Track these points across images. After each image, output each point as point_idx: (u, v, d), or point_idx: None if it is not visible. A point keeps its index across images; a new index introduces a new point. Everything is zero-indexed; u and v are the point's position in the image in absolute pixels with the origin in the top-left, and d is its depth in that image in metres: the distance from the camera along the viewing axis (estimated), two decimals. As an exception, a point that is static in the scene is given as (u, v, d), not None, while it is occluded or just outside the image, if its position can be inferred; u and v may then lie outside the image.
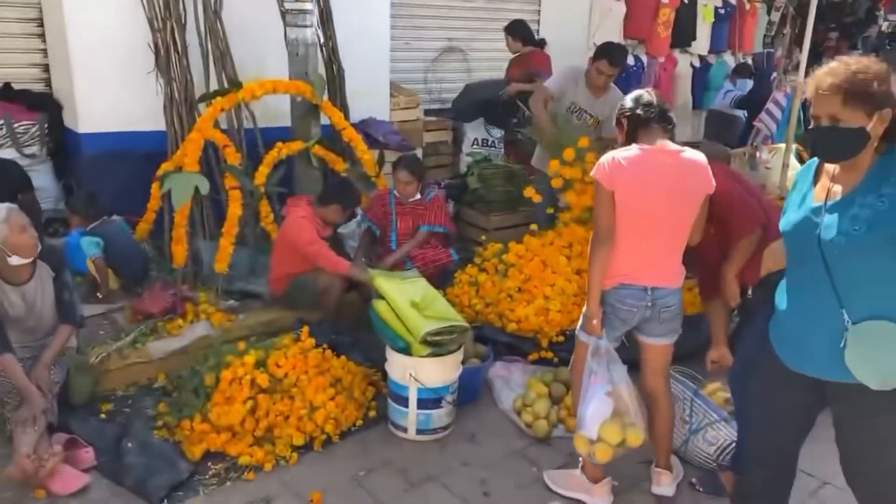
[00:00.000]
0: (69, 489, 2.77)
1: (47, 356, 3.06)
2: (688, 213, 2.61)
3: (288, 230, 4.02)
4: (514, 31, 6.11)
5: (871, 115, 1.82)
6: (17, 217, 2.96)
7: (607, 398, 2.60)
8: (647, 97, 2.64)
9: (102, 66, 4.61)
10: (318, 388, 3.25)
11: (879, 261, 1.86)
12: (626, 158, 2.53)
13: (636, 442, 2.65)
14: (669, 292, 2.64)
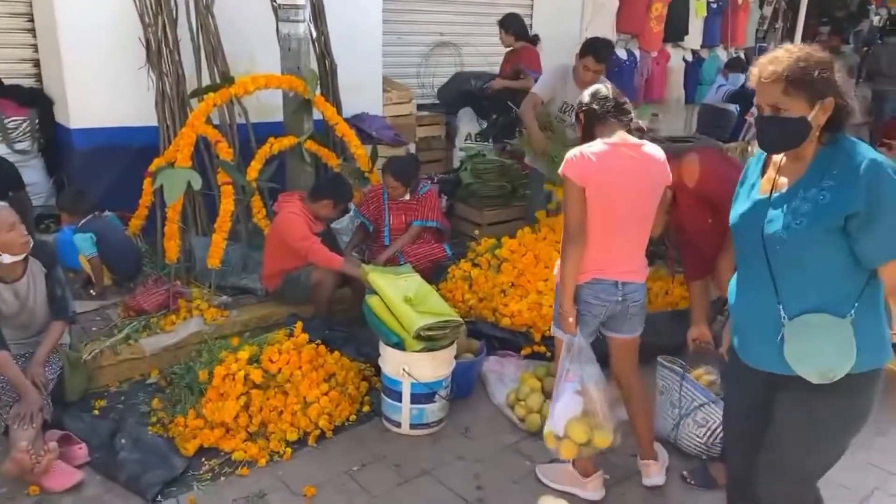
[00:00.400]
0: (63, 485, 2.78)
1: (41, 353, 3.06)
2: (652, 205, 2.64)
3: (279, 226, 4.01)
4: (508, 24, 6.10)
5: (812, 105, 1.78)
6: (5, 215, 2.95)
7: (577, 396, 2.61)
8: (603, 91, 2.64)
9: (93, 62, 4.58)
10: (311, 383, 3.26)
11: (820, 254, 1.84)
12: (594, 153, 2.52)
13: (603, 443, 2.64)
14: (637, 287, 2.68)
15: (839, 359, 1.83)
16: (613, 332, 2.75)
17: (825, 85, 1.78)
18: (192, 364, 3.41)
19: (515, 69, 6.00)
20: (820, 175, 1.84)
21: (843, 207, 1.78)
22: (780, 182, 1.93)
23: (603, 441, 2.64)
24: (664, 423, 3.15)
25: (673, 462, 3.04)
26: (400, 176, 4.40)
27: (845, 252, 1.82)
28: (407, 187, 4.48)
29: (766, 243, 1.90)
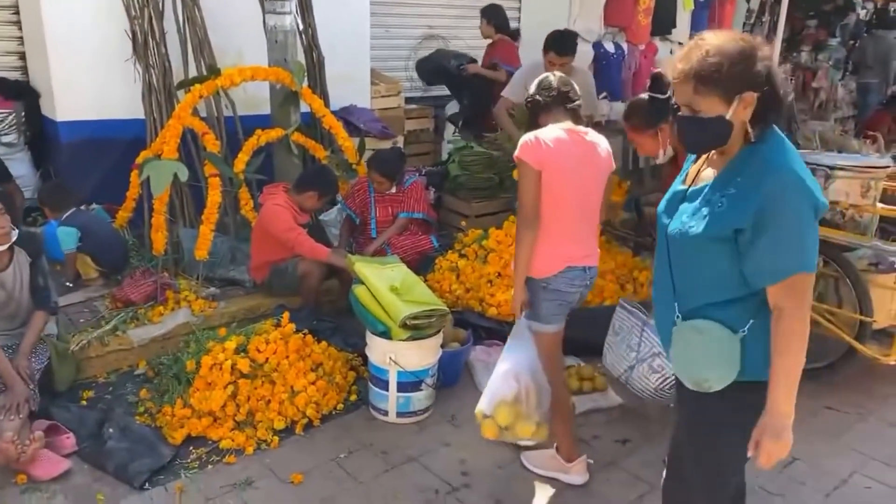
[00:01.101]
0: (50, 474, 2.79)
1: (26, 345, 3.07)
2: (601, 191, 2.72)
3: (264, 218, 4.03)
4: (490, 14, 6.09)
5: (729, 102, 1.64)
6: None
7: (512, 381, 2.62)
8: (547, 81, 2.71)
9: (80, 54, 4.58)
10: (298, 372, 3.28)
11: (711, 262, 1.74)
12: (550, 139, 2.54)
13: (524, 433, 2.66)
14: (595, 270, 2.77)
15: (719, 371, 1.74)
16: None
17: (742, 79, 1.63)
18: (179, 354, 3.43)
19: (492, 63, 6.02)
20: (729, 178, 1.72)
21: (733, 220, 1.68)
22: (702, 175, 1.82)
23: (524, 431, 2.65)
24: (618, 361, 3.17)
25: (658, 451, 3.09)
26: (385, 170, 4.42)
27: (738, 265, 1.71)
28: (392, 181, 4.50)
29: (668, 238, 1.83)
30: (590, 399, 3.50)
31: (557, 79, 2.72)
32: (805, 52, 9.99)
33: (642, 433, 3.26)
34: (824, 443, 3.23)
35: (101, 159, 4.72)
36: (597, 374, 3.61)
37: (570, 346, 3.75)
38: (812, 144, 6.56)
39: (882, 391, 3.72)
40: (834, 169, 3.75)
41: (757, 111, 1.67)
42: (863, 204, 3.73)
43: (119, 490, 2.77)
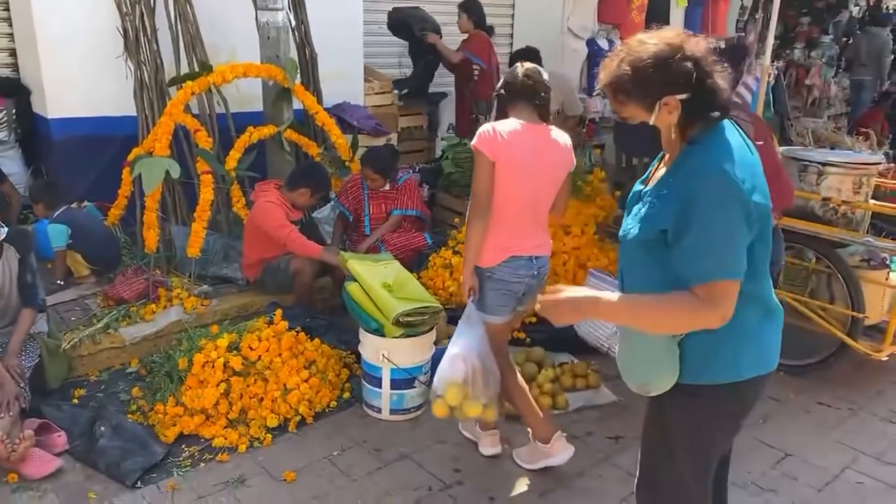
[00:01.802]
0: (42, 472, 2.77)
1: (14, 343, 3.06)
2: (555, 187, 2.72)
3: (256, 215, 4.02)
4: (470, 9, 6.04)
5: (650, 108, 1.62)
6: None
7: (460, 363, 2.68)
8: (512, 74, 2.71)
9: (71, 51, 4.56)
10: (291, 370, 3.28)
11: (646, 262, 1.71)
12: (506, 132, 2.57)
13: (472, 413, 2.73)
14: (546, 261, 2.80)
15: (657, 374, 1.71)
16: (519, 305, 2.81)
17: (659, 84, 1.58)
18: (171, 352, 3.42)
19: (465, 54, 6.00)
20: (665, 179, 1.69)
21: (659, 221, 1.65)
22: (656, 175, 1.77)
23: (471, 410, 2.72)
24: (595, 329, 3.10)
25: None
26: (378, 167, 4.41)
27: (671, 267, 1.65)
28: (386, 178, 4.49)
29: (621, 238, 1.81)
30: (583, 396, 3.50)
31: (523, 72, 2.69)
32: (798, 49, 10.02)
33: (635, 430, 3.19)
34: (816, 438, 3.24)
35: (93, 156, 4.69)
36: (590, 371, 3.61)
37: (562, 342, 3.81)
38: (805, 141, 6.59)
39: (873, 387, 3.74)
40: (826, 165, 3.77)
41: (691, 111, 1.61)
42: (855, 200, 3.74)
43: (111, 488, 2.76)
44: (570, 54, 7.50)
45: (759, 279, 1.71)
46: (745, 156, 1.64)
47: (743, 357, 1.72)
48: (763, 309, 1.74)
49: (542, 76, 2.71)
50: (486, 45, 6.07)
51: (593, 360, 3.77)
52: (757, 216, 1.60)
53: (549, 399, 3.39)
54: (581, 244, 4.31)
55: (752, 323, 1.72)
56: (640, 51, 1.60)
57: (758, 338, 1.74)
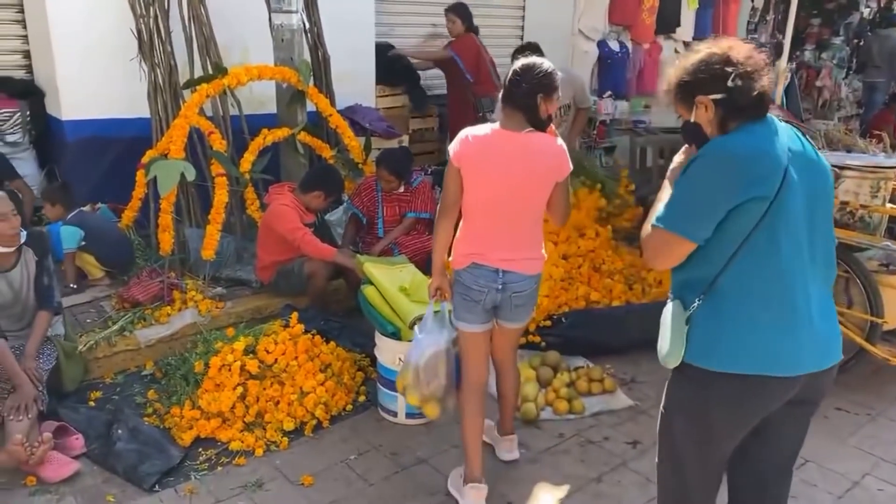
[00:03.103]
0: (60, 476, 2.78)
1: (31, 346, 3.06)
2: (534, 197, 2.52)
3: (270, 218, 4.02)
4: (460, 13, 5.93)
5: (691, 106, 1.83)
6: (1, 205, 2.94)
7: (407, 364, 2.75)
8: (505, 79, 2.52)
9: (85, 53, 4.56)
10: (307, 373, 3.27)
11: None
12: (475, 136, 2.49)
13: (411, 401, 2.83)
14: (521, 278, 2.58)
15: (669, 345, 1.83)
16: (500, 320, 2.70)
17: (697, 84, 1.81)
18: (187, 355, 3.42)
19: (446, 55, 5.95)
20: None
21: None
22: None
23: (411, 399, 2.82)
24: None
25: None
26: (394, 169, 4.41)
27: None
28: (401, 180, 4.48)
29: None
30: (599, 400, 3.48)
31: (511, 73, 2.49)
32: (808, 51, 9.98)
33: (652, 435, 3.21)
34: (835, 444, 3.21)
35: (106, 158, 4.70)
36: (606, 376, 3.60)
37: (577, 346, 3.80)
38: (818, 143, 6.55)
39: (892, 392, 3.71)
40: (843, 169, 3.74)
41: (726, 109, 1.79)
42: (873, 204, 3.72)
43: (128, 491, 2.76)
44: (581, 56, 7.49)
45: (766, 275, 1.75)
46: (762, 148, 1.73)
47: (742, 351, 1.75)
48: (776, 309, 1.75)
49: (537, 70, 2.46)
50: (472, 46, 5.98)
51: (608, 365, 3.77)
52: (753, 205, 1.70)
53: (565, 403, 3.38)
54: (595, 246, 4.29)
55: (757, 318, 1.75)
56: (688, 57, 1.86)
57: (762, 335, 1.75)
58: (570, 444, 3.17)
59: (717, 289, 1.77)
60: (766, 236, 1.72)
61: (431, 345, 2.72)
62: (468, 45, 5.95)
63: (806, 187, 1.76)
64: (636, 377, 3.76)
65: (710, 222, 1.73)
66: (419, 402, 2.80)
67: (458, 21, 5.96)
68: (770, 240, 1.72)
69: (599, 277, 4.17)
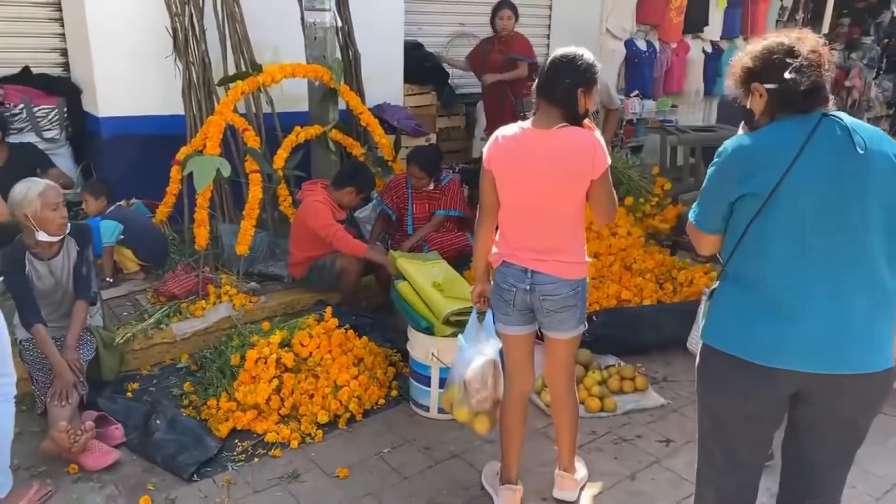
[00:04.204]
0: (102, 464, 2.83)
1: (71, 337, 3.11)
2: (564, 196, 2.40)
3: (303, 214, 4.06)
4: (515, 9, 5.79)
5: (748, 93, 1.91)
6: (52, 194, 3.02)
7: (466, 365, 2.64)
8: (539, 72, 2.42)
9: (121, 50, 4.63)
10: (341, 367, 3.30)
11: None
12: (504, 137, 2.44)
13: (460, 416, 2.69)
14: (551, 281, 2.44)
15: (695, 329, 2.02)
16: (543, 328, 2.57)
17: (754, 72, 1.87)
18: (222, 348, 3.46)
19: (510, 57, 5.78)
20: None
21: None
22: None
23: (459, 414, 2.69)
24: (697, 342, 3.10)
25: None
26: (425, 166, 4.43)
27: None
28: (431, 177, 4.51)
29: None
30: (631, 399, 3.48)
31: (550, 64, 2.37)
32: (838, 51, 9.86)
33: (685, 434, 3.23)
34: (874, 446, 3.15)
35: (141, 154, 4.76)
36: (637, 375, 3.59)
37: (608, 345, 3.80)
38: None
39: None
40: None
41: (778, 99, 1.82)
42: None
43: (168, 481, 2.81)
44: (608, 55, 7.46)
45: (756, 269, 1.82)
46: (761, 145, 1.80)
47: (725, 330, 1.89)
48: (763, 302, 1.81)
49: (579, 62, 2.33)
50: (528, 42, 5.85)
51: (639, 363, 3.76)
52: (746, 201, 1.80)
53: (597, 402, 3.37)
54: (627, 245, 4.28)
55: (745, 306, 1.85)
56: (758, 42, 1.89)
57: (745, 321, 1.84)
58: (603, 442, 3.17)
59: (725, 274, 1.93)
60: (757, 231, 1.80)
61: (478, 354, 2.64)
62: (525, 43, 5.78)
63: (841, 188, 1.72)
64: (668, 376, 3.74)
65: (716, 215, 1.89)
66: (468, 417, 2.67)
67: (514, 18, 5.79)
68: (760, 235, 1.79)
69: (630, 276, 4.16)
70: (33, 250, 3.09)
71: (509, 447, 2.70)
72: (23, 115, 4.66)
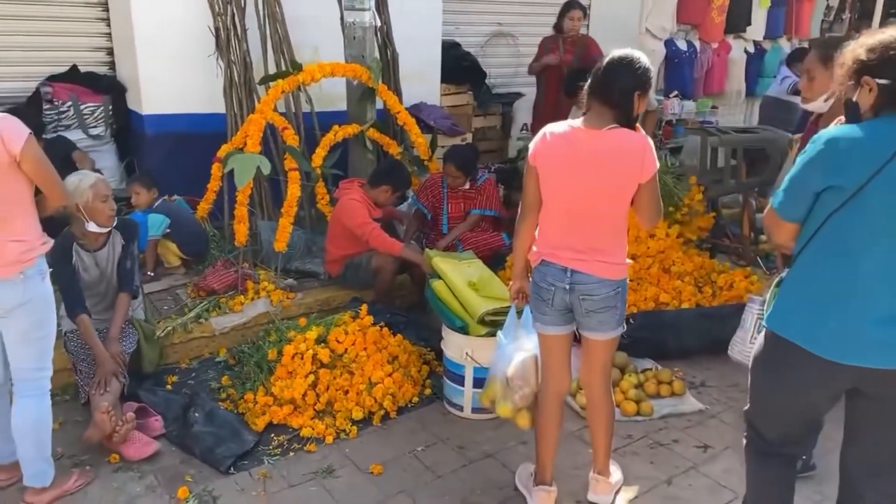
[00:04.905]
0: (142, 455, 2.89)
1: (114, 329, 3.19)
2: (611, 199, 2.38)
3: (340, 212, 4.09)
4: (585, 11, 5.76)
5: (857, 85, 1.87)
6: (103, 186, 3.11)
7: (493, 376, 2.74)
8: (596, 67, 2.36)
9: (166, 50, 4.72)
10: (376, 364, 3.32)
11: None
12: (551, 133, 2.42)
13: (503, 412, 2.76)
14: (592, 280, 2.42)
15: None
16: (581, 328, 2.55)
17: (867, 66, 1.83)
18: (260, 343, 3.51)
19: (589, 58, 5.72)
20: None
21: None
22: None
23: (502, 410, 2.76)
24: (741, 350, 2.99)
25: (741, 458, 3.00)
26: (462, 165, 4.43)
27: None
28: (468, 176, 4.51)
29: None
30: (668, 403, 3.42)
31: (607, 65, 2.32)
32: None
33: (724, 440, 3.18)
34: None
35: (182, 152, 4.86)
36: (675, 379, 3.53)
37: (645, 348, 3.75)
38: None
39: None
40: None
41: (888, 96, 1.79)
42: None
43: (205, 472, 2.85)
44: (648, 55, 7.30)
45: (829, 263, 1.85)
46: (854, 139, 1.79)
47: (790, 317, 1.93)
48: (831, 296, 1.85)
49: (637, 65, 2.30)
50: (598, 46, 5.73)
51: (677, 368, 3.70)
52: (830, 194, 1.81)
53: (633, 405, 3.33)
54: (665, 247, 4.22)
55: (811, 297, 1.89)
56: (873, 35, 1.85)
57: (809, 311, 1.89)
58: (639, 446, 3.13)
59: (796, 263, 1.94)
60: (836, 225, 1.81)
61: (519, 351, 2.67)
62: (597, 46, 5.65)
63: None
64: (706, 381, 3.68)
65: (800, 204, 1.88)
66: (511, 413, 2.73)
67: (583, 18, 5.74)
68: (839, 230, 1.80)
69: (669, 279, 4.10)
70: (80, 242, 3.18)
71: (544, 448, 2.68)
72: (70, 112, 4.79)
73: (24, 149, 2.28)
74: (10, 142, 2.25)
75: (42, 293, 2.48)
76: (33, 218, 2.45)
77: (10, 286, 2.37)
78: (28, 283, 2.40)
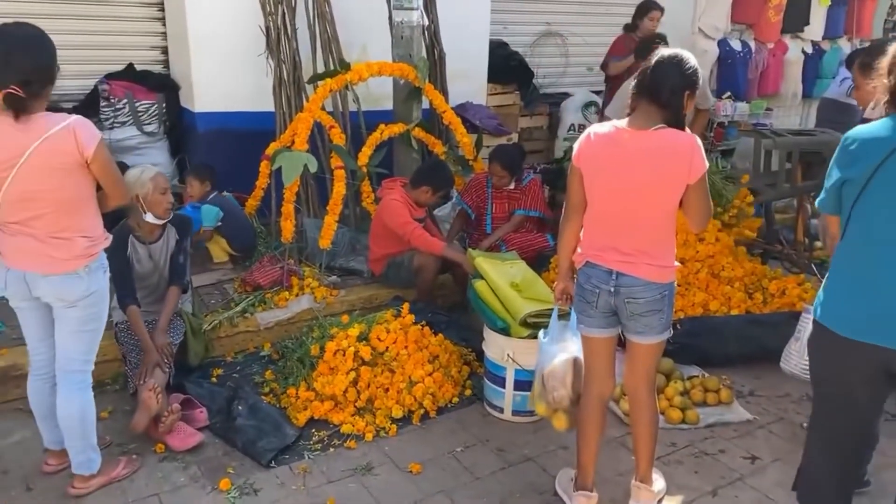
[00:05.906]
0: (186, 445, 2.94)
1: (163, 321, 3.26)
2: (658, 201, 2.34)
3: (382, 212, 4.10)
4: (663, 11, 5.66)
5: None
6: (162, 179, 3.21)
7: (547, 361, 2.69)
8: (647, 66, 2.31)
9: (218, 49, 4.81)
10: (416, 363, 3.31)
11: None
12: (597, 135, 2.39)
13: (539, 411, 2.77)
14: (638, 283, 2.38)
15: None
16: (625, 332, 2.51)
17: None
18: (303, 339, 3.54)
19: None
20: None
21: None
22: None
23: (539, 408, 2.77)
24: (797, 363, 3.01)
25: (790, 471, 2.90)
26: (507, 164, 4.40)
27: None
28: (513, 176, 4.48)
29: None
30: (714, 412, 3.34)
31: (657, 64, 2.29)
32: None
33: (772, 451, 3.08)
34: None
35: (232, 149, 4.93)
36: (722, 387, 3.44)
37: (691, 355, 3.66)
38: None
39: None
40: None
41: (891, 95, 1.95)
42: None
43: (247, 465, 2.89)
44: (700, 55, 7.14)
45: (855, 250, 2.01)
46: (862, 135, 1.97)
47: (826, 303, 2.07)
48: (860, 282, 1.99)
49: (687, 65, 2.28)
50: None
51: (724, 376, 3.60)
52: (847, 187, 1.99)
53: (678, 413, 3.25)
54: (715, 252, 4.11)
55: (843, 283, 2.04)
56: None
57: (840, 297, 2.04)
58: (683, 455, 3.05)
59: (836, 253, 2.10)
60: (858, 214, 1.98)
61: (559, 352, 2.65)
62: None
63: None
64: (755, 390, 3.58)
65: (830, 196, 2.07)
66: (547, 412, 2.72)
67: (661, 19, 5.70)
68: (858, 218, 1.98)
69: (718, 284, 3.99)
70: (136, 234, 3.26)
71: (586, 452, 2.64)
72: (125, 109, 4.91)
73: (95, 151, 2.36)
74: (85, 145, 2.33)
75: (103, 287, 2.57)
76: (98, 214, 2.53)
77: (76, 279, 2.45)
78: (92, 276, 2.48)
